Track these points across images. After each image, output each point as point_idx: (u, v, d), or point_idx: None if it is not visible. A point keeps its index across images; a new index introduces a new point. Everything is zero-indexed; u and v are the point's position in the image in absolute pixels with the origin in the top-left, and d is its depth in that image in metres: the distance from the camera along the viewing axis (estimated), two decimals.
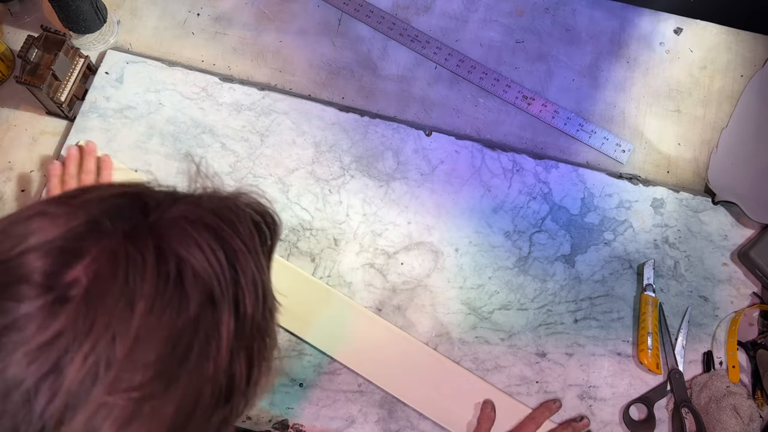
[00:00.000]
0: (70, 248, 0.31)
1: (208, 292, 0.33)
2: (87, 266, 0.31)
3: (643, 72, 0.91)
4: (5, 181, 0.83)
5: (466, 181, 0.84)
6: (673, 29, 0.94)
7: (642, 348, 0.77)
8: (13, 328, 0.29)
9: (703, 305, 0.80)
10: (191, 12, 0.92)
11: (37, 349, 0.29)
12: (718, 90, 0.91)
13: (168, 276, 0.32)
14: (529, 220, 0.83)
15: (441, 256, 0.81)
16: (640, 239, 0.83)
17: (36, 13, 0.91)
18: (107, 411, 0.30)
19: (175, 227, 0.34)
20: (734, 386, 0.76)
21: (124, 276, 0.31)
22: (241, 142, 0.84)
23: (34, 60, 0.79)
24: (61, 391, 0.29)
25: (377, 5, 0.93)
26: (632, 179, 0.85)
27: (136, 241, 0.32)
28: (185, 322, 0.32)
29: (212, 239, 0.35)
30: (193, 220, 0.35)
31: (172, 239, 0.33)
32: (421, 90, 0.90)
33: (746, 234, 0.84)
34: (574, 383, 0.77)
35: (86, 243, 0.32)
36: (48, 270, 0.31)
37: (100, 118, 0.85)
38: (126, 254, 0.32)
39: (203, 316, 0.33)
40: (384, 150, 0.85)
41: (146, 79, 0.87)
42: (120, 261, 0.31)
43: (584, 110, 0.89)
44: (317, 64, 0.90)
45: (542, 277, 0.81)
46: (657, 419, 0.75)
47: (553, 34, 0.93)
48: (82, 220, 0.33)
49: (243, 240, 0.37)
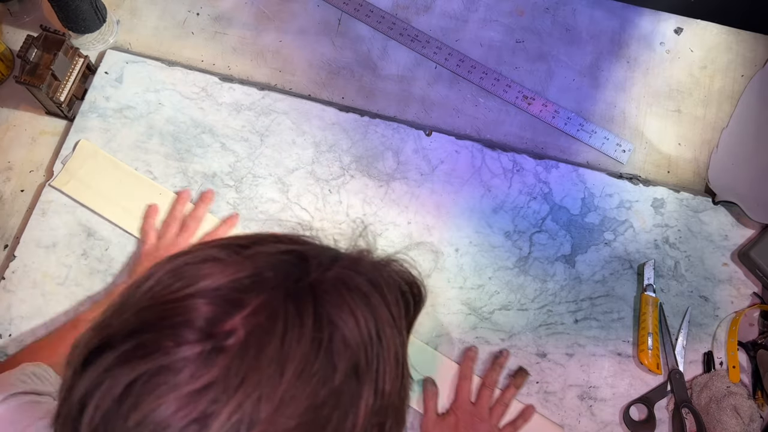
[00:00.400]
0: (233, 298, 0.31)
1: (354, 363, 0.33)
2: (246, 318, 0.31)
3: (643, 72, 0.91)
4: (5, 181, 0.83)
5: (466, 181, 0.84)
6: (674, 29, 0.93)
7: (642, 348, 0.76)
8: (169, 371, 0.29)
9: (703, 305, 0.80)
10: (191, 12, 0.92)
11: (188, 396, 0.29)
12: (719, 90, 0.91)
13: (321, 342, 0.32)
14: (529, 220, 0.83)
15: (441, 256, 0.81)
16: (640, 239, 0.83)
17: (35, 12, 0.91)
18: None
19: (333, 291, 0.33)
20: (735, 386, 0.76)
21: (281, 334, 0.31)
22: (240, 142, 0.84)
23: (34, 60, 0.79)
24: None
25: (377, 5, 0.93)
26: (632, 179, 0.85)
27: (296, 301, 0.32)
28: (329, 391, 0.31)
29: (365, 308, 0.34)
30: (350, 286, 0.34)
31: (329, 303, 0.33)
32: (421, 90, 0.89)
33: (746, 234, 0.83)
34: (574, 383, 0.77)
35: (249, 295, 0.31)
36: (210, 317, 0.31)
37: (100, 117, 0.85)
38: (285, 312, 0.31)
39: (346, 388, 0.32)
40: (384, 150, 0.85)
41: (146, 79, 0.86)
42: (279, 318, 0.31)
43: (584, 110, 0.89)
44: (317, 64, 0.90)
45: (542, 277, 0.81)
46: (657, 419, 0.75)
47: (553, 33, 0.93)
48: (249, 272, 0.32)
49: (390, 311, 0.36)
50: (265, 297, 0.31)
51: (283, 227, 0.81)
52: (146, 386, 0.29)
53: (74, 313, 0.76)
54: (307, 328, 0.31)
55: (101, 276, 0.78)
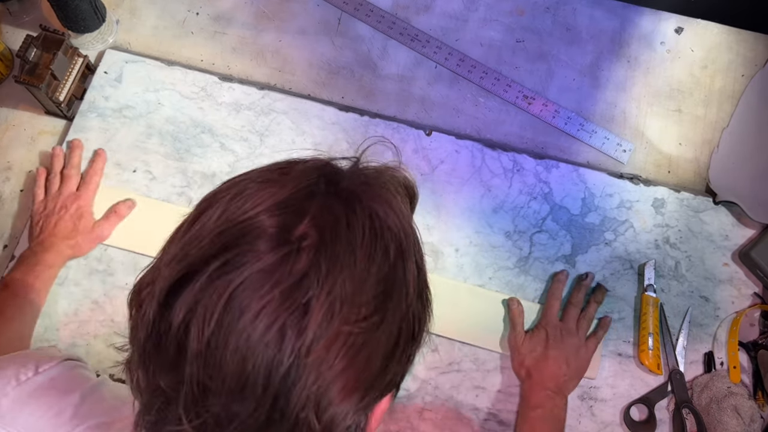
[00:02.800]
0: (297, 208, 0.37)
1: (398, 244, 0.39)
2: (312, 221, 0.36)
3: (643, 71, 0.91)
4: (4, 181, 0.83)
5: (466, 180, 0.84)
6: (674, 29, 0.93)
7: (643, 348, 0.76)
8: (264, 273, 0.34)
9: (704, 305, 0.80)
10: (190, 11, 0.92)
11: (289, 289, 0.34)
12: (719, 90, 0.91)
13: (374, 230, 0.38)
14: (529, 220, 0.83)
15: (441, 256, 0.81)
16: (640, 239, 0.83)
17: (35, 12, 0.91)
18: (343, 340, 0.35)
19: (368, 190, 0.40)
20: (735, 387, 0.76)
21: (345, 229, 0.37)
22: (240, 141, 0.84)
23: (33, 59, 0.79)
24: (310, 323, 0.34)
25: (377, 4, 0.92)
26: (633, 179, 0.85)
27: (345, 201, 0.38)
28: (388, 268, 0.38)
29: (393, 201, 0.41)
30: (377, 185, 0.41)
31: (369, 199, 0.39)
32: (421, 89, 0.89)
33: (747, 234, 0.83)
34: None
35: (308, 203, 0.37)
36: (283, 226, 0.36)
37: (99, 117, 0.84)
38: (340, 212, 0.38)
39: (398, 263, 0.39)
40: (384, 150, 0.85)
41: (145, 79, 0.86)
42: (338, 216, 0.37)
43: (585, 110, 0.89)
44: (317, 64, 0.90)
45: (543, 277, 0.81)
46: (658, 420, 0.75)
47: (553, 33, 0.93)
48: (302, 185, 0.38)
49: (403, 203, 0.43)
50: (320, 202, 0.37)
51: None
52: (247, 292, 0.34)
53: (74, 313, 0.76)
54: (361, 221, 0.38)
55: (100, 276, 0.78)
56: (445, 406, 0.75)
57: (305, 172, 0.40)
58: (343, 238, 0.37)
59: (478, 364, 0.77)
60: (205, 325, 0.34)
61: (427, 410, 0.75)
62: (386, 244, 0.39)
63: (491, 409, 0.75)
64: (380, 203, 0.40)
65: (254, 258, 0.35)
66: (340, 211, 0.38)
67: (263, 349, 0.34)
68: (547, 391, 0.72)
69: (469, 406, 0.75)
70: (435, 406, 0.75)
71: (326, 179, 0.40)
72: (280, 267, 0.35)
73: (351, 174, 0.42)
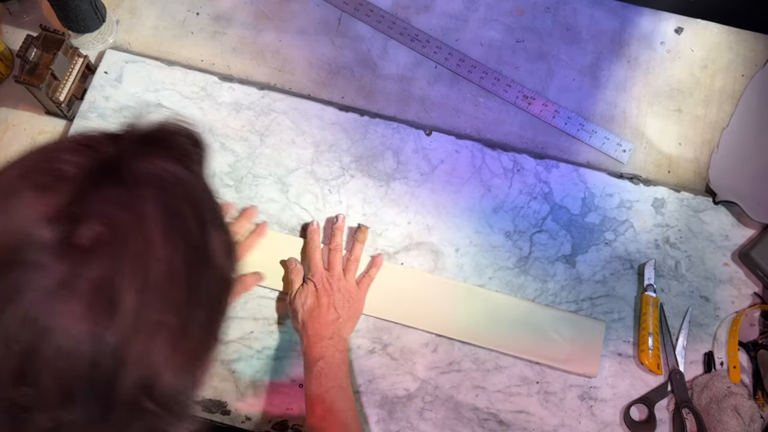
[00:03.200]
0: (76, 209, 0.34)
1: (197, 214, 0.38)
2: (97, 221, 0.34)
3: (644, 71, 0.91)
4: None
5: (466, 180, 0.84)
6: (674, 29, 0.93)
7: (643, 348, 0.76)
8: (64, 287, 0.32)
9: (704, 305, 0.80)
10: (190, 11, 0.92)
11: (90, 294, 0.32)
12: (719, 89, 0.91)
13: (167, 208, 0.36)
14: (529, 220, 0.83)
15: (441, 256, 0.81)
16: (640, 239, 0.83)
17: (35, 12, 0.91)
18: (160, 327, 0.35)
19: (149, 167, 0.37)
20: (735, 387, 0.76)
21: (136, 217, 0.35)
22: (240, 141, 0.84)
23: (33, 59, 0.79)
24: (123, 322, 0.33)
25: (377, 4, 0.92)
26: (633, 179, 0.85)
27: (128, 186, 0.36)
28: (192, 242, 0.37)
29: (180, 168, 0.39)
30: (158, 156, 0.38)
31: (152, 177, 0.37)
32: (421, 89, 0.89)
33: (747, 234, 0.83)
34: (574, 384, 0.77)
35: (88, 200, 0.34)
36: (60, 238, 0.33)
37: (99, 117, 0.84)
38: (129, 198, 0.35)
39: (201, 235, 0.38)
40: (384, 150, 0.85)
41: (145, 79, 0.86)
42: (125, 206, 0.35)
43: (585, 110, 0.89)
44: (317, 64, 0.90)
45: (543, 277, 0.81)
46: (658, 420, 0.75)
47: (553, 33, 0.93)
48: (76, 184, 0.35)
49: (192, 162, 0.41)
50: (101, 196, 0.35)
51: (283, 228, 0.81)
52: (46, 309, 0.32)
53: None
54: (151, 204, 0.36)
55: None
56: (445, 406, 0.75)
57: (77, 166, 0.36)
58: (135, 228, 0.35)
59: (478, 364, 0.77)
60: (11, 353, 0.32)
61: (427, 410, 0.75)
62: (184, 221, 0.37)
63: (491, 409, 0.75)
64: (167, 177, 0.38)
65: (42, 274, 0.32)
66: (125, 198, 0.35)
67: (80, 361, 0.32)
68: (325, 341, 0.70)
69: (469, 406, 0.75)
70: (435, 406, 0.75)
71: (100, 167, 0.36)
72: (74, 274, 0.32)
73: (126, 152, 0.38)
